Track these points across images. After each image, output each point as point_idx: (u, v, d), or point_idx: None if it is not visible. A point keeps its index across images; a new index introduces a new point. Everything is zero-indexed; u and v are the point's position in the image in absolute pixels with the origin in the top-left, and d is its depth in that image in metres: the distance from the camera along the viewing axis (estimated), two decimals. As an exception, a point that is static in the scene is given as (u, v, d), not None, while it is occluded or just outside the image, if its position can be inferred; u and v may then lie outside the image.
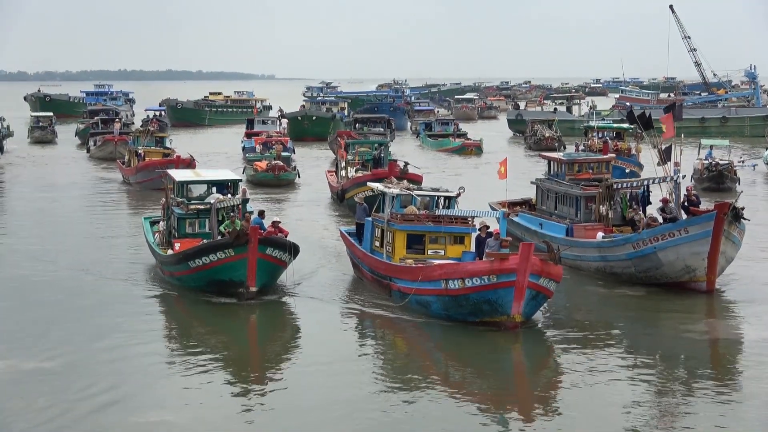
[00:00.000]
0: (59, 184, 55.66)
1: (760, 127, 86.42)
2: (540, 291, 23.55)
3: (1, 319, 25.60)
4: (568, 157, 37.83)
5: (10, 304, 26.90)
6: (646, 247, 28.02)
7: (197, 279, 26.82)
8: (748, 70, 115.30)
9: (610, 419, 18.14)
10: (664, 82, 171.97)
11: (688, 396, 19.71)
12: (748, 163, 57.97)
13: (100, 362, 21.60)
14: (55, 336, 23.72)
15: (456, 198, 28.56)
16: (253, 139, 65.54)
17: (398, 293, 25.78)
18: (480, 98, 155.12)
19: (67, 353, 22.27)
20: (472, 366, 21.72)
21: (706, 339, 24.66)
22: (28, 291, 28.37)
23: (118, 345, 22.84)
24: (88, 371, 21.00)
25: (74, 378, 20.49)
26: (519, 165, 57.95)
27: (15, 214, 45.10)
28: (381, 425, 17.96)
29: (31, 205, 47.72)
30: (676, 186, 29.90)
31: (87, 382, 20.20)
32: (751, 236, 30.65)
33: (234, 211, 28.74)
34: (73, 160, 70.13)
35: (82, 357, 22.05)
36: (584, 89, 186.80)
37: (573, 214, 32.14)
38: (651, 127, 32.55)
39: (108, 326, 24.31)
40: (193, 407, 19.00)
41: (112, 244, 35.79)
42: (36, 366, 21.39)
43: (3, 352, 22.33)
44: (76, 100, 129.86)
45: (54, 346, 22.82)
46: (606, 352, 22.65)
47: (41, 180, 57.45)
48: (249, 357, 23.30)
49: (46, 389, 19.83)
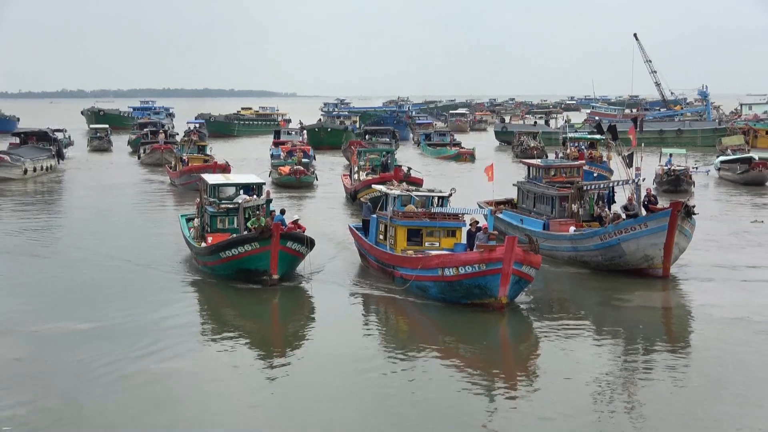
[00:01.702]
0: (114, 185, 55.74)
1: (710, 138, 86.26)
2: (522, 277, 23.59)
3: (60, 293, 26.04)
4: (545, 163, 37.94)
5: (70, 284, 27.19)
6: (612, 239, 28.06)
7: (227, 268, 26.79)
8: (701, 90, 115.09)
9: (582, 382, 18.21)
10: (628, 100, 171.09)
11: (647, 361, 19.97)
12: (702, 169, 57.89)
13: (142, 330, 21.84)
14: (103, 308, 24.12)
15: (448, 198, 28.59)
16: (280, 148, 65.52)
17: (400, 279, 25.81)
18: (471, 113, 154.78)
19: (112, 322, 22.68)
20: (465, 340, 21.75)
21: (662, 315, 24.86)
22: (83, 273, 28.63)
23: (158, 318, 23.07)
24: (131, 335, 21.38)
25: (119, 339, 21.04)
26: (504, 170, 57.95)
27: (76, 209, 45.38)
28: (387, 387, 18.00)
29: (89, 202, 47.92)
30: (637, 187, 29.89)
31: (129, 342, 20.76)
32: (700, 230, 30.75)
33: (259, 209, 28.83)
34: (126, 166, 70.06)
35: (126, 326, 22.29)
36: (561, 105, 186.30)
37: (549, 212, 32.14)
38: (617, 137, 32.66)
39: (148, 304, 24.47)
40: (222, 369, 19.30)
41: (155, 236, 35.79)
42: (87, 328, 22.15)
43: (61, 317, 23.08)
44: (125, 114, 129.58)
45: (102, 316, 23.26)
46: (577, 327, 22.79)
47: (99, 182, 57.53)
48: (271, 333, 23.37)
49: (95, 346, 20.56)
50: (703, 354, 20.60)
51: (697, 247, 30.60)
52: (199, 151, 59.30)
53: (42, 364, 19.48)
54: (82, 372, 18.84)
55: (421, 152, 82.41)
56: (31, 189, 53.70)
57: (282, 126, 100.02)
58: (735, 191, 51.61)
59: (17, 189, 52.90)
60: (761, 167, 53.72)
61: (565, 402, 17.06)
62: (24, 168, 57.69)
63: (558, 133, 78.11)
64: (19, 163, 57.75)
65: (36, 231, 37.55)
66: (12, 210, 44.10)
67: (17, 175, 56.73)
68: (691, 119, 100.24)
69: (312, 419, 16.35)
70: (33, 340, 21.30)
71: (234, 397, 17.50)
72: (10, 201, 47.40)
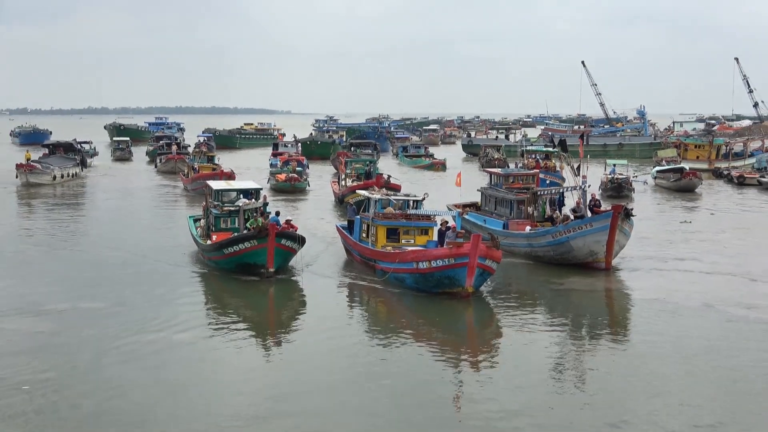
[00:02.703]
0: (133, 189, 55.61)
1: (647, 151, 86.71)
2: (486, 269, 23.65)
3: (81, 281, 25.98)
4: (505, 171, 38.04)
5: (90, 275, 27.01)
6: (562, 237, 28.19)
7: (229, 262, 26.65)
8: (639, 109, 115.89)
9: (536, 358, 18.33)
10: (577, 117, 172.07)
11: (592, 342, 20.09)
12: (641, 179, 58.23)
13: (153, 314, 21.76)
14: (120, 294, 24.09)
15: (422, 201, 28.69)
16: (278, 158, 65.35)
17: (381, 272, 25.82)
18: (441, 128, 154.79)
19: (128, 305, 22.73)
20: (436, 324, 21.79)
21: (605, 302, 25.03)
22: (103, 265, 28.47)
23: (167, 303, 22.98)
24: (142, 316, 21.45)
25: (132, 317, 21.31)
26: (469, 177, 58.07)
27: (101, 210, 45.08)
28: (369, 364, 18.02)
29: (111, 204, 47.60)
30: (584, 192, 30.02)
31: (140, 318, 21.05)
32: (638, 229, 30.99)
33: (257, 211, 28.80)
34: (144, 173, 69.64)
35: (140, 309, 22.27)
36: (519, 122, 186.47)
37: (508, 213, 32.21)
38: (567, 150, 32.79)
39: (161, 293, 24.35)
40: (222, 346, 19.27)
41: (168, 234, 35.56)
42: (104, 307, 22.38)
43: (83, 299, 23.31)
44: (142, 129, 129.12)
45: (118, 301, 23.23)
46: (533, 313, 22.88)
47: (120, 187, 57.12)
48: (267, 318, 23.26)
49: (110, 322, 20.80)
50: (636, 329, 21.13)
51: (635, 243, 30.80)
52: (208, 161, 59.09)
53: (61, 337, 19.62)
54: (97, 344, 18.94)
55: (399, 162, 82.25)
56: (60, 192, 53.26)
57: (280, 139, 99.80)
58: (669, 197, 51.86)
59: (47, 192, 52.57)
60: (691, 176, 54.15)
61: (522, 376, 17.15)
62: (53, 175, 57.41)
63: (516, 146, 78.24)
64: (49, 171, 57.54)
65: (64, 228, 37.35)
66: (45, 210, 43.84)
67: (47, 180, 56.42)
68: (631, 135, 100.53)
69: (300, 390, 16.30)
70: (55, 317, 21.45)
71: (231, 370, 17.57)
72: (42, 203, 47.07)
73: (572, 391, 16.33)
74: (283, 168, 57.96)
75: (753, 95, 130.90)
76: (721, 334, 20.32)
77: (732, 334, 20.26)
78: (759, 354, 18.65)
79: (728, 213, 44.06)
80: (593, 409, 15.36)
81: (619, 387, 16.61)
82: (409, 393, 16.15)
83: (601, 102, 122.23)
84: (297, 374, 17.32)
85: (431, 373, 17.31)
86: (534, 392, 16.19)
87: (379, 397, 16.02)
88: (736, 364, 17.95)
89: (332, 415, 15.08)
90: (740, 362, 18.06)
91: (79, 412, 15.10)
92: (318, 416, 15.01)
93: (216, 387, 16.54)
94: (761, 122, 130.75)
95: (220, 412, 15.08)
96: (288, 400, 15.80)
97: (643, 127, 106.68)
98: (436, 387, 16.50)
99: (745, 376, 17.23)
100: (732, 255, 30.79)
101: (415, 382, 16.79)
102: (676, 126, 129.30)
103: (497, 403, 15.56)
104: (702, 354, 18.63)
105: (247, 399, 15.84)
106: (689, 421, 14.77)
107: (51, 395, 15.78)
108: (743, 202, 48.79)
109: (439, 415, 15.08)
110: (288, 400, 15.77)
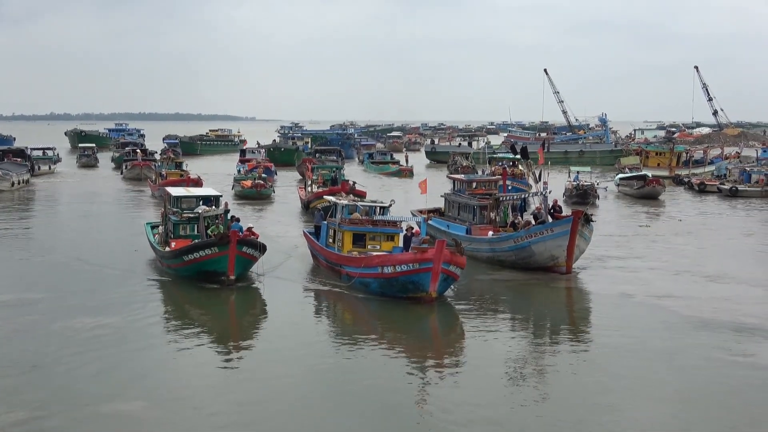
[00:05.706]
0: (98, 194, 55.48)
1: (608, 158, 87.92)
2: (450, 275, 23.82)
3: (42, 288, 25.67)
4: (468, 177, 38.49)
5: (52, 280, 26.82)
6: (523, 242, 28.57)
7: (189, 270, 26.17)
8: (601, 117, 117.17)
9: (498, 361, 18.54)
10: (540, 125, 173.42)
11: (553, 342, 20.66)
12: (602, 185, 59.11)
13: (105, 322, 21.30)
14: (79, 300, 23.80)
15: (388, 207, 28.90)
16: (246, 164, 65.13)
17: (346, 276, 25.93)
18: (404, 135, 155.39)
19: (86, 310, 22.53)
20: (401, 328, 21.92)
21: (565, 304, 25.61)
22: (64, 271, 28.32)
23: (125, 315, 22.23)
24: (93, 325, 21.03)
25: (80, 325, 20.98)
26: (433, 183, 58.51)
27: (63, 216, 44.94)
28: (333, 370, 18.01)
29: (75, 209, 47.41)
30: (545, 198, 30.53)
31: (90, 327, 20.80)
32: (602, 233, 31.76)
33: (218, 218, 28.48)
34: (110, 179, 69.17)
35: (90, 317, 21.83)
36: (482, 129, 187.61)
37: (471, 219, 32.55)
38: (528, 157, 33.30)
39: (118, 301, 23.75)
40: (184, 358, 18.88)
41: (130, 241, 34.71)
42: (48, 314, 22.23)
43: (47, 305, 23.20)
44: (103, 135, 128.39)
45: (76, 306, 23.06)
46: (495, 316, 23.21)
47: (85, 193, 56.82)
48: (229, 326, 22.83)
49: (54, 329, 20.64)
50: (595, 325, 22.15)
51: (598, 246, 31.54)
52: (176, 167, 58.87)
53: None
54: (37, 355, 18.42)
55: (364, 169, 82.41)
56: (17, 197, 52.92)
57: (244, 146, 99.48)
58: (632, 203, 52.76)
59: (7, 197, 52.25)
60: (655, 183, 55.10)
61: (485, 377, 17.38)
62: (12, 181, 57.08)
63: (479, 153, 78.82)
64: (8, 177, 57.10)
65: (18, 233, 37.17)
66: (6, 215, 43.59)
67: (7, 187, 56.11)
68: (593, 142, 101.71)
69: (262, 398, 16.11)
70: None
71: (190, 381, 17.15)
72: (5, 209, 46.70)
73: (534, 392, 16.55)
74: (248, 174, 57.92)
75: (712, 103, 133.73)
76: (676, 332, 20.95)
77: (687, 332, 20.93)
78: (711, 352, 19.27)
79: (690, 218, 45.27)
80: (554, 408, 15.63)
81: (580, 385, 16.95)
82: (373, 398, 16.15)
83: (563, 110, 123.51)
84: (259, 383, 16.94)
85: (396, 378, 17.29)
86: (497, 394, 16.40)
87: (343, 403, 15.97)
88: (691, 362, 18.48)
89: (296, 424, 14.87)
90: (694, 360, 18.61)
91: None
92: (281, 426, 14.79)
93: (174, 399, 16.02)
94: (720, 130, 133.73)
95: (178, 426, 14.72)
96: (249, 410, 15.32)
97: (604, 134, 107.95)
98: (400, 392, 16.50)
99: (700, 373, 17.79)
100: (689, 257, 32.03)
101: (380, 387, 16.77)
102: (637, 133, 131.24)
103: (461, 407, 15.62)
104: (659, 351, 19.22)
105: (207, 409, 15.38)
106: (649, 416, 15.22)
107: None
108: (704, 209, 49.95)
109: (403, 420, 15.06)
110: (249, 411, 15.27)
